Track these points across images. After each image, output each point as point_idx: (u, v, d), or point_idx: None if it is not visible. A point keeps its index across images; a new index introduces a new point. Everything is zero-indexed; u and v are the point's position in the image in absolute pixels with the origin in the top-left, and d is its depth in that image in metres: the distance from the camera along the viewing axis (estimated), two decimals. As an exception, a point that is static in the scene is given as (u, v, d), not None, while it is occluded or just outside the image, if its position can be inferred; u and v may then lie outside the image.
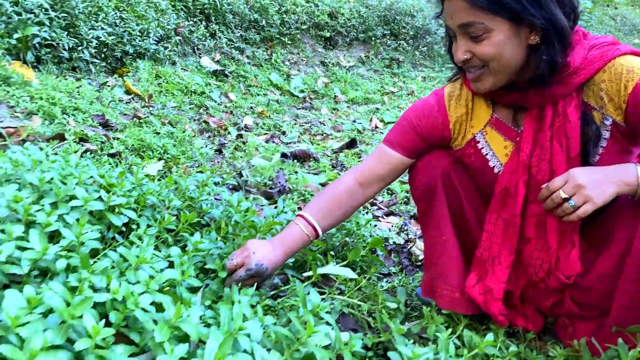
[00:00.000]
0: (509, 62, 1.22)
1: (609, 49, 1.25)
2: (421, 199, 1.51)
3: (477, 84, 1.30)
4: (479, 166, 1.42)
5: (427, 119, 1.45)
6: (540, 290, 1.42)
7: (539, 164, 1.31)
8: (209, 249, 1.43)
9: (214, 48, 4.61)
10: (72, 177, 1.47)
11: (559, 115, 1.28)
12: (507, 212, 1.37)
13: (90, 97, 2.78)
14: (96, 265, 1.12)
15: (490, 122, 1.41)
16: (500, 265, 1.40)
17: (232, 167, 2.60)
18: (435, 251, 1.51)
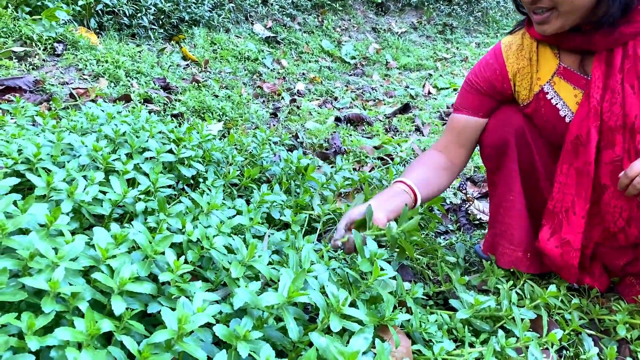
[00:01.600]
0: (581, 4, 1.18)
1: None
2: (491, 156, 1.49)
3: (544, 26, 1.25)
4: (551, 118, 1.38)
5: (484, 73, 1.44)
6: (617, 244, 1.38)
7: (610, 108, 1.27)
8: (273, 200, 1.48)
9: (266, 15, 4.63)
10: (144, 131, 1.54)
11: (629, 56, 1.23)
12: (580, 160, 1.33)
13: (150, 61, 2.86)
14: (172, 209, 1.19)
15: (557, 72, 1.37)
16: (575, 216, 1.36)
17: (287, 130, 2.64)
18: (501, 208, 1.50)
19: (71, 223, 1.08)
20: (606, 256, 1.43)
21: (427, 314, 1.24)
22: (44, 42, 2.46)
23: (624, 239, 1.34)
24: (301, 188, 1.69)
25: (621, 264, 1.41)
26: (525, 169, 1.45)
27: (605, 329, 1.32)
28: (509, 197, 1.46)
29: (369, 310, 1.05)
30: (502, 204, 1.49)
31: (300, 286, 0.98)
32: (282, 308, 0.96)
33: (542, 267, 1.48)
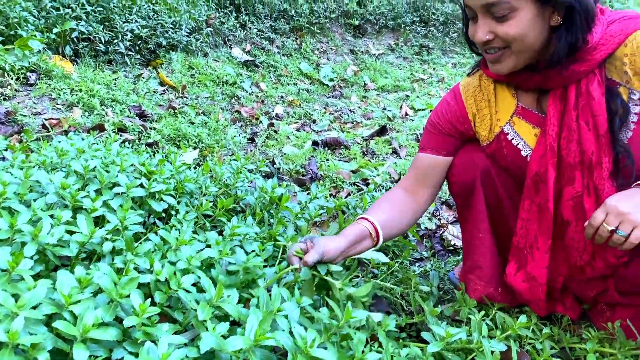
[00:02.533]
0: (532, 42, 1.20)
1: (629, 22, 1.22)
2: (459, 194, 1.51)
3: (497, 66, 1.27)
4: (513, 158, 1.40)
5: (445, 115, 1.46)
6: (584, 277, 1.39)
7: (567, 145, 1.29)
8: (245, 233, 1.47)
9: (244, 38, 4.65)
10: (115, 165, 1.53)
11: (582, 94, 1.25)
12: (540, 197, 1.35)
13: (126, 88, 2.86)
14: (139, 248, 1.18)
15: (516, 112, 1.38)
16: (539, 251, 1.38)
17: (264, 155, 2.64)
18: (471, 246, 1.52)
19: (35, 266, 1.07)
20: (576, 288, 1.45)
21: (400, 347, 1.23)
22: (16, 71, 2.44)
23: (591, 272, 1.36)
24: (275, 218, 1.69)
25: (592, 294, 1.43)
26: (492, 207, 1.47)
27: (577, 357, 1.33)
28: (478, 235, 1.48)
29: (339, 351, 1.04)
30: (471, 242, 1.50)
31: (267, 329, 0.98)
32: (249, 352, 0.95)
33: (513, 300, 1.49)
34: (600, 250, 1.33)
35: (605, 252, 1.32)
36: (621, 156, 1.26)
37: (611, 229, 1.14)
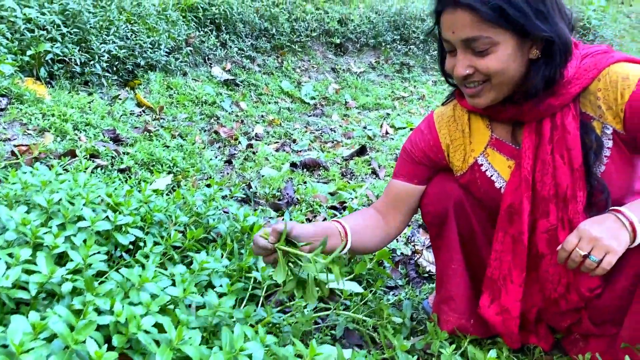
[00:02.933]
0: (512, 76, 1.20)
1: (602, 57, 1.24)
2: (432, 224, 1.50)
3: (476, 99, 1.26)
4: (486, 189, 1.40)
5: (419, 143, 1.47)
6: (559, 310, 1.39)
7: (542, 178, 1.29)
8: (213, 267, 1.44)
9: (224, 57, 4.64)
10: (80, 198, 1.50)
11: (557, 127, 1.26)
12: (514, 229, 1.35)
13: (101, 111, 2.82)
14: (100, 288, 1.15)
15: (490, 143, 1.39)
16: (513, 284, 1.37)
17: (241, 178, 2.62)
18: (444, 276, 1.51)
19: (-12, 311, 1.03)
20: (550, 319, 1.44)
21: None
22: (-13, 96, 2.40)
23: (565, 305, 1.36)
24: (246, 249, 1.66)
25: (565, 325, 1.43)
26: (465, 238, 1.46)
27: (549, 390, 1.32)
28: (451, 265, 1.47)
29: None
30: (445, 272, 1.49)
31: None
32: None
33: (486, 332, 1.48)
34: (574, 283, 1.32)
35: (579, 284, 1.31)
36: (595, 190, 1.26)
37: (584, 254, 1.14)
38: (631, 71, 1.20)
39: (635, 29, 9.08)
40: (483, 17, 1.12)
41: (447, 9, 1.18)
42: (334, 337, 1.47)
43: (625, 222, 1.14)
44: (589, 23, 7.92)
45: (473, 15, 1.13)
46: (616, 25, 8.59)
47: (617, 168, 1.27)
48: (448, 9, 1.18)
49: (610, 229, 1.14)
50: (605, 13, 8.54)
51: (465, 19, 1.15)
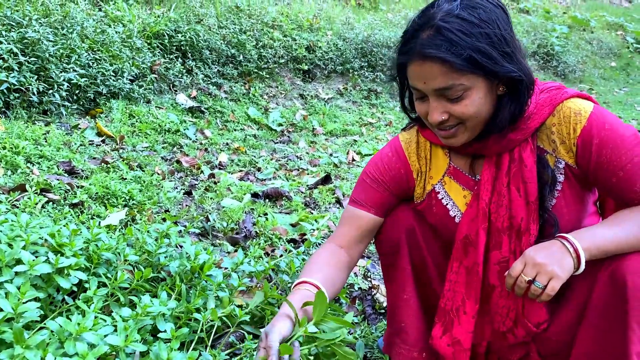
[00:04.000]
0: (485, 116, 1.22)
1: (556, 92, 1.28)
2: (385, 253, 1.49)
3: (452, 140, 1.27)
4: (441, 217, 1.41)
5: (390, 171, 1.44)
6: (507, 343, 1.39)
7: (497, 210, 1.31)
8: (159, 311, 1.40)
9: (191, 84, 4.62)
10: (20, 240, 1.44)
11: (514, 160, 1.28)
12: (469, 260, 1.35)
13: (57, 142, 2.76)
14: (32, 339, 1.09)
15: (448, 172, 1.40)
16: (466, 315, 1.37)
17: (200, 210, 2.58)
18: (395, 307, 1.49)
19: None
20: (500, 353, 1.44)
21: None
22: None
23: (513, 339, 1.36)
24: (197, 288, 1.62)
25: (515, 359, 1.42)
26: (418, 268, 1.46)
27: None
28: (403, 296, 1.45)
29: None
30: (396, 303, 1.48)
31: None
32: None
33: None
34: (522, 318, 1.33)
35: (527, 318, 1.32)
36: (547, 224, 1.28)
37: (528, 279, 1.16)
38: (583, 107, 1.24)
39: (596, 55, 9.37)
40: (455, 67, 1.13)
41: (415, 61, 1.18)
42: None
43: (569, 248, 1.17)
44: (552, 50, 8.16)
45: (444, 66, 1.14)
46: (579, 52, 8.85)
47: (567, 202, 1.29)
48: (415, 61, 1.17)
49: (554, 255, 1.16)
50: (568, 40, 8.81)
51: (436, 70, 1.15)
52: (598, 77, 8.77)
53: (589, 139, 1.22)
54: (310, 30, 5.89)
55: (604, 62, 9.33)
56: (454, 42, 1.11)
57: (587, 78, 8.56)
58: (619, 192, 1.24)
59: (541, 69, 8.04)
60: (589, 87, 8.07)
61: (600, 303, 1.22)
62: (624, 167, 1.20)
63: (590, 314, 1.24)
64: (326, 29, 6.02)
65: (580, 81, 8.36)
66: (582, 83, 8.31)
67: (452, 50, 1.11)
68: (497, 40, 1.14)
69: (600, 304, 1.22)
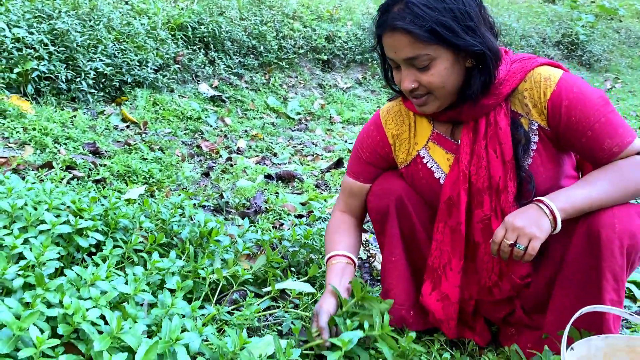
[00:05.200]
0: (453, 85, 1.33)
1: (528, 61, 1.38)
2: (376, 220, 1.61)
3: (424, 107, 1.39)
4: (427, 180, 1.51)
5: (367, 140, 1.59)
6: (493, 299, 1.48)
7: (477, 172, 1.40)
8: (167, 267, 1.54)
9: (212, 74, 4.77)
10: (44, 204, 1.60)
11: (490, 124, 1.38)
12: (453, 220, 1.45)
13: (83, 126, 2.94)
14: (51, 283, 1.24)
15: (432, 137, 1.50)
16: (452, 272, 1.47)
17: (216, 189, 2.72)
18: (385, 270, 1.60)
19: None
20: (487, 310, 1.53)
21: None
22: (-29, 111, 2.52)
23: (499, 293, 1.45)
24: (205, 252, 1.76)
25: (501, 316, 1.52)
26: (406, 233, 1.56)
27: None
28: (392, 259, 1.56)
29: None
30: (386, 266, 1.59)
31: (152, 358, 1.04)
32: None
33: (426, 323, 1.56)
34: (507, 271, 1.42)
35: (511, 272, 1.42)
36: (524, 181, 1.37)
37: (510, 243, 1.26)
38: (552, 73, 1.34)
39: (624, 44, 9.22)
40: (419, 38, 1.24)
41: (387, 33, 1.30)
42: (280, 333, 1.55)
43: (545, 210, 1.26)
44: (577, 39, 8.06)
45: (410, 37, 1.25)
46: (605, 41, 8.72)
47: (542, 161, 1.38)
48: (387, 32, 1.30)
49: (531, 218, 1.26)
50: (594, 29, 8.69)
51: (404, 40, 1.27)
52: (625, 67, 8.63)
53: (558, 102, 1.32)
54: (330, 20, 6.00)
55: (631, 51, 9.18)
56: (419, 15, 1.22)
57: (614, 67, 8.44)
58: (588, 151, 1.32)
59: (565, 58, 7.97)
60: (614, 77, 7.96)
61: (577, 257, 1.31)
62: (592, 127, 1.29)
63: (566, 267, 1.33)
64: (346, 19, 6.11)
65: (606, 70, 8.26)
66: (608, 72, 8.20)
67: (417, 22, 1.23)
68: (460, 15, 1.25)
69: (577, 257, 1.31)
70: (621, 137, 1.29)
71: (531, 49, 7.53)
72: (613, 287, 1.26)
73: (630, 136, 1.30)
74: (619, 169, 1.29)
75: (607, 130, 1.29)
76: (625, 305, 1.89)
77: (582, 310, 1.14)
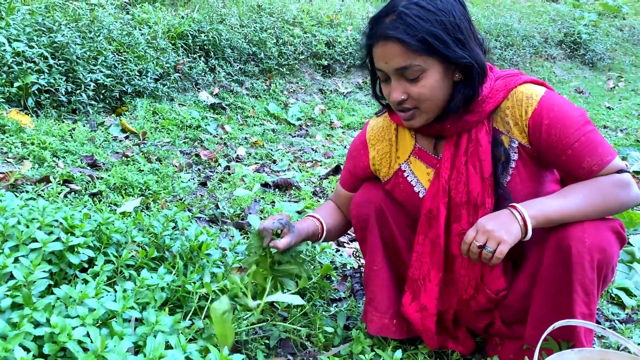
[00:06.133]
0: (440, 99, 1.35)
1: (511, 79, 1.40)
2: (357, 228, 1.65)
3: (411, 122, 1.41)
4: (407, 194, 1.54)
5: (354, 159, 1.65)
6: (472, 310, 1.51)
7: (456, 186, 1.43)
8: (156, 283, 1.56)
9: (213, 82, 4.82)
10: (36, 221, 1.63)
11: (472, 140, 1.40)
12: (433, 232, 1.48)
13: (82, 138, 2.98)
14: (39, 302, 1.27)
15: (413, 152, 1.53)
16: (430, 283, 1.50)
17: (213, 199, 2.75)
18: (368, 278, 1.63)
19: None
20: (468, 320, 1.56)
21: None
22: (-29, 127, 2.57)
23: (475, 305, 1.47)
24: (195, 266, 1.78)
25: (481, 326, 1.54)
26: (387, 242, 1.59)
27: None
28: (374, 267, 1.59)
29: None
30: (369, 274, 1.62)
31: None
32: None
33: (409, 332, 1.59)
34: (482, 285, 1.44)
35: (487, 286, 1.44)
36: (501, 198, 1.39)
37: (479, 244, 1.29)
38: (534, 91, 1.36)
39: (627, 42, 9.17)
40: (411, 48, 1.27)
41: (378, 43, 1.32)
42: (268, 346, 1.58)
43: (517, 216, 1.29)
44: (580, 38, 8.04)
45: (402, 46, 1.28)
46: (608, 39, 8.68)
47: (521, 179, 1.40)
48: (379, 42, 1.32)
49: (502, 222, 1.29)
50: (597, 27, 8.65)
51: (396, 50, 1.29)
52: (629, 65, 8.59)
53: (539, 120, 1.33)
54: (330, 26, 6.02)
55: (635, 49, 9.13)
56: (411, 25, 1.25)
57: (617, 66, 8.41)
58: (568, 169, 1.34)
59: (568, 57, 7.95)
60: (618, 75, 7.92)
61: (549, 270, 1.33)
62: (572, 146, 1.31)
63: (540, 280, 1.36)
64: (346, 25, 6.13)
65: (609, 69, 8.22)
66: (611, 71, 8.16)
67: (409, 32, 1.25)
68: (450, 27, 1.27)
69: (549, 270, 1.33)
70: (601, 156, 1.31)
71: (533, 49, 7.51)
72: (584, 300, 1.27)
73: (610, 154, 1.32)
74: (597, 184, 1.31)
75: (587, 149, 1.31)
76: (614, 312, 1.90)
77: (554, 325, 1.15)
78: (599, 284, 1.29)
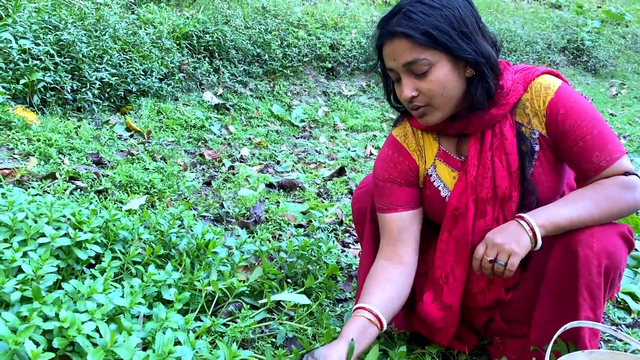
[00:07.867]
0: (452, 94, 1.34)
1: (529, 71, 1.41)
2: (357, 222, 1.67)
3: (425, 118, 1.38)
4: (434, 198, 1.51)
5: (397, 166, 1.52)
6: (475, 305, 1.51)
7: (482, 182, 1.42)
8: (164, 279, 1.56)
9: (217, 83, 4.82)
10: (44, 217, 1.63)
11: (496, 135, 1.40)
12: (458, 230, 1.46)
13: (87, 136, 2.99)
14: (48, 296, 1.27)
15: (438, 155, 1.51)
16: (455, 281, 1.48)
17: (217, 199, 2.75)
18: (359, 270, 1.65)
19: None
20: (469, 316, 1.56)
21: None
22: (-23, 123, 2.57)
23: (482, 301, 1.47)
24: (202, 263, 1.78)
25: (481, 323, 1.54)
26: None
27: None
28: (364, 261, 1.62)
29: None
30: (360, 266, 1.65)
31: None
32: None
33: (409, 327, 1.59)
34: (495, 283, 1.44)
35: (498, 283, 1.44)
36: (527, 192, 1.40)
37: (490, 259, 1.29)
38: (551, 82, 1.38)
39: (630, 49, 9.18)
40: (417, 41, 1.28)
41: (387, 41, 1.33)
42: (274, 345, 1.58)
43: (525, 227, 1.29)
44: (583, 45, 8.05)
45: (408, 41, 1.29)
46: (610, 47, 8.69)
47: (544, 170, 1.41)
48: (387, 41, 1.33)
49: (511, 234, 1.29)
50: (600, 34, 8.66)
51: (402, 45, 1.30)
52: (631, 72, 8.60)
53: (555, 109, 1.35)
54: (334, 29, 6.03)
55: (638, 57, 9.14)
56: (416, 20, 1.27)
57: (620, 73, 8.41)
58: (577, 162, 1.35)
59: (571, 64, 7.96)
60: (620, 82, 7.93)
61: (555, 274, 1.33)
62: (584, 138, 1.32)
63: (546, 283, 1.35)
64: (350, 28, 6.14)
65: (612, 76, 8.23)
66: (614, 78, 8.17)
67: (413, 26, 1.27)
68: (455, 21, 1.28)
69: (555, 274, 1.33)
70: (610, 152, 1.31)
71: (536, 55, 7.52)
72: (590, 305, 1.27)
73: (619, 152, 1.32)
74: (603, 189, 1.31)
75: (598, 143, 1.32)
76: (620, 316, 1.90)
77: (566, 326, 1.15)
78: (606, 289, 1.29)
